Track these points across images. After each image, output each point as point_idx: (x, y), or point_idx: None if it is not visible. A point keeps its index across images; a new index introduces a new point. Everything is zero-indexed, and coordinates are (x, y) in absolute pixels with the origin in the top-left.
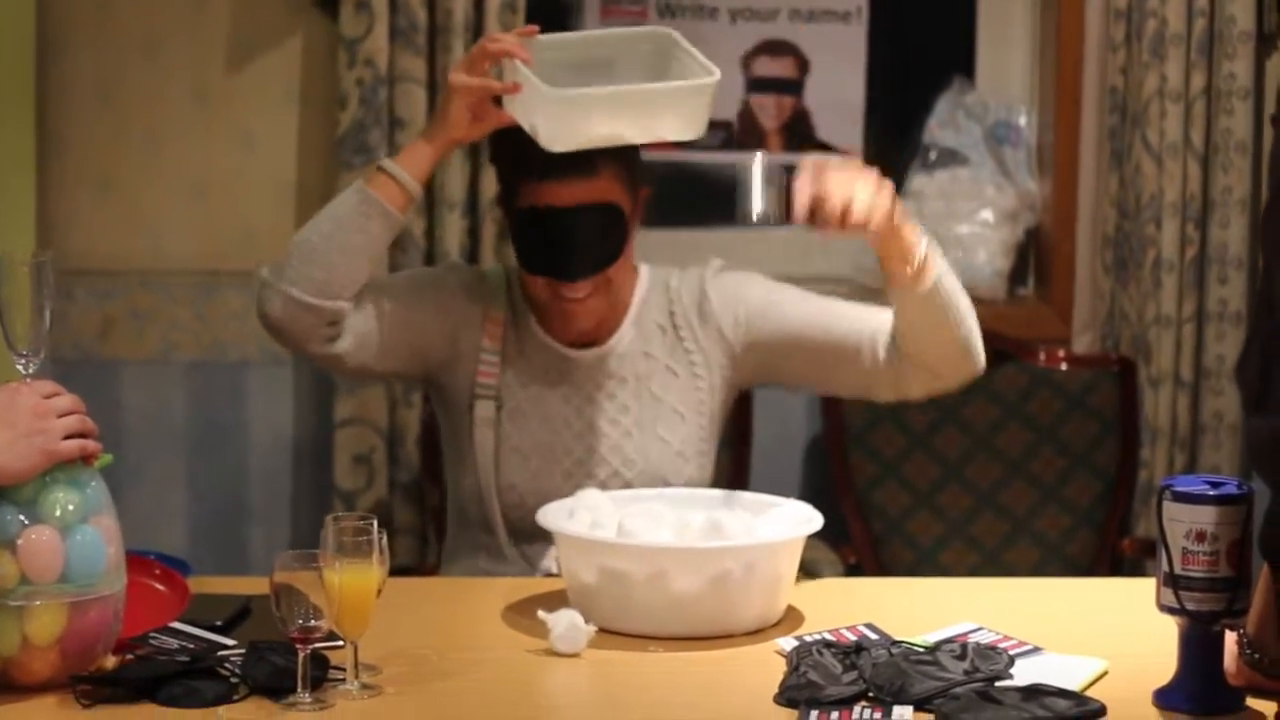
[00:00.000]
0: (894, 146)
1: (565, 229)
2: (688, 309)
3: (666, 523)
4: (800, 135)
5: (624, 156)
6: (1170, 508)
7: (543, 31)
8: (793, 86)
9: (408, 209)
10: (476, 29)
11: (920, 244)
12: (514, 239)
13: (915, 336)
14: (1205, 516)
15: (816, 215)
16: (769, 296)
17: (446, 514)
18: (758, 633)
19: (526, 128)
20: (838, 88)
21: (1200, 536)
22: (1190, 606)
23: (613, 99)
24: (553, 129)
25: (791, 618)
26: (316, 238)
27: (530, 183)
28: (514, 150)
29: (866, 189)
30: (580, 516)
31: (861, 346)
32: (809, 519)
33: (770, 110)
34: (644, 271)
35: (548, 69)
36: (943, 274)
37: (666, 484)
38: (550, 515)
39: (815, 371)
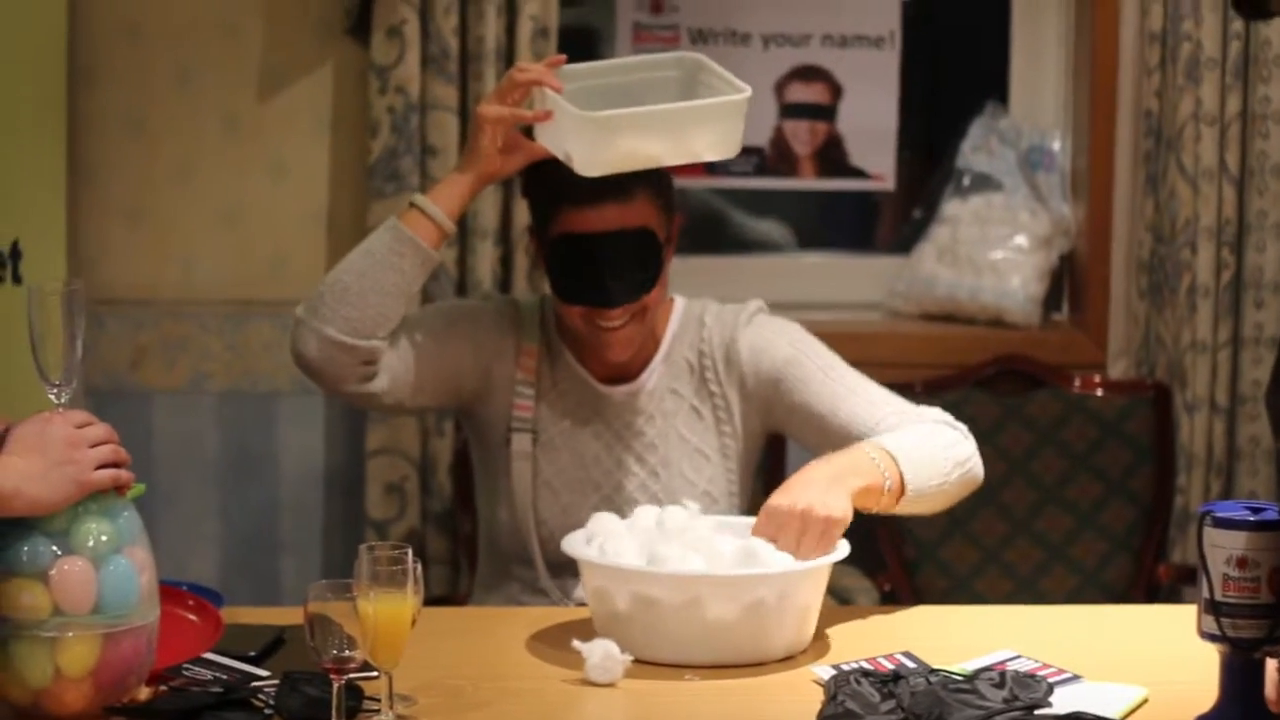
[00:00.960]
0: (927, 172)
1: (601, 255)
2: (715, 350)
3: (698, 550)
4: (833, 161)
5: (658, 181)
6: (1211, 533)
7: (572, 60)
8: (826, 112)
9: (441, 245)
10: (508, 56)
11: (880, 482)
12: (549, 269)
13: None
14: (1246, 542)
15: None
16: (792, 360)
17: (479, 544)
18: (791, 659)
19: (560, 155)
20: (871, 113)
21: (1241, 563)
22: (1231, 633)
23: (645, 119)
24: (586, 153)
25: (828, 646)
26: (350, 277)
27: (565, 210)
28: (547, 179)
29: (812, 519)
30: (598, 543)
31: (863, 441)
32: (839, 546)
33: (803, 136)
34: (679, 304)
35: (577, 97)
36: (915, 477)
37: None
38: (570, 544)
39: (819, 445)
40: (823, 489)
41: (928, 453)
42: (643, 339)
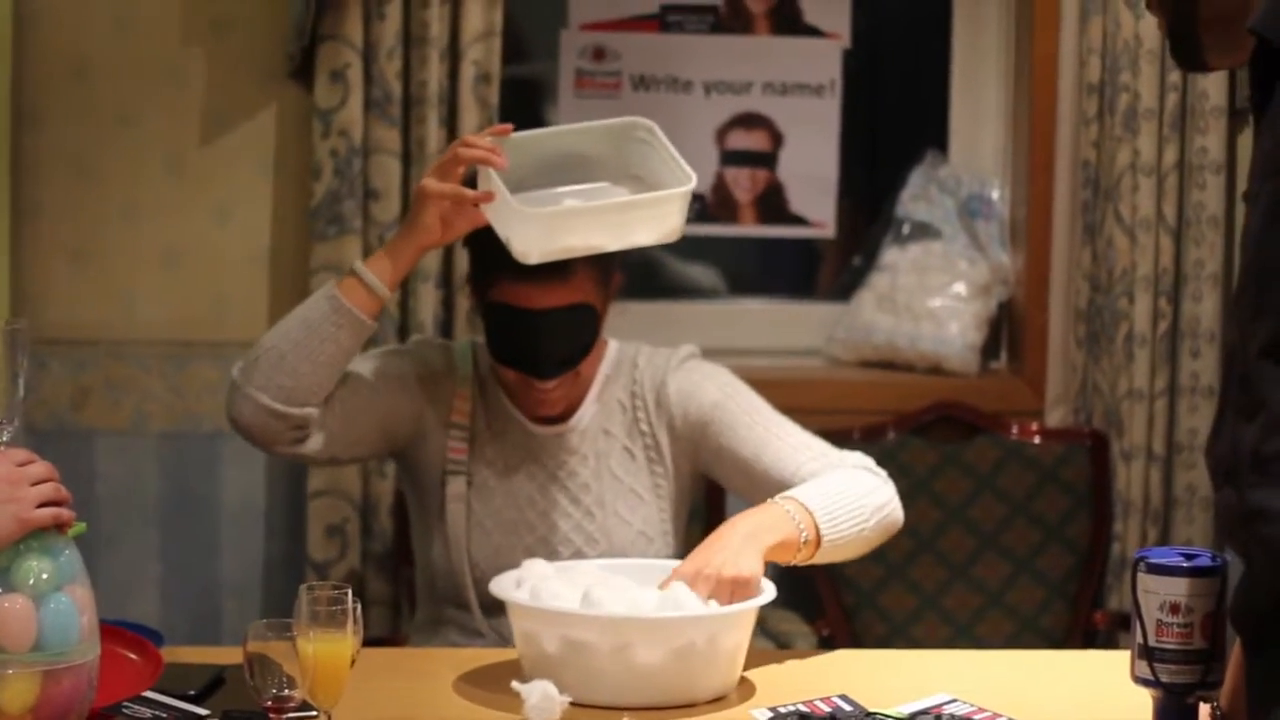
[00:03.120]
0: (867, 220)
1: (537, 329)
2: (647, 393)
3: (625, 595)
4: (774, 208)
5: (599, 257)
6: (1145, 579)
7: (516, 115)
8: (766, 159)
9: (379, 315)
10: (450, 101)
11: (795, 539)
12: (485, 328)
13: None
14: (1179, 588)
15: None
16: (719, 405)
17: (416, 586)
18: (724, 700)
19: (500, 235)
20: (811, 161)
21: (1174, 608)
22: (1164, 679)
23: (586, 214)
24: (526, 243)
25: (765, 688)
26: (286, 344)
27: (503, 281)
28: (487, 246)
29: (723, 580)
30: (528, 587)
31: (785, 486)
32: (762, 589)
33: (744, 183)
34: (612, 345)
35: (523, 165)
36: (832, 529)
37: None
38: (499, 586)
39: (744, 488)
40: (735, 550)
41: (845, 501)
42: (576, 390)
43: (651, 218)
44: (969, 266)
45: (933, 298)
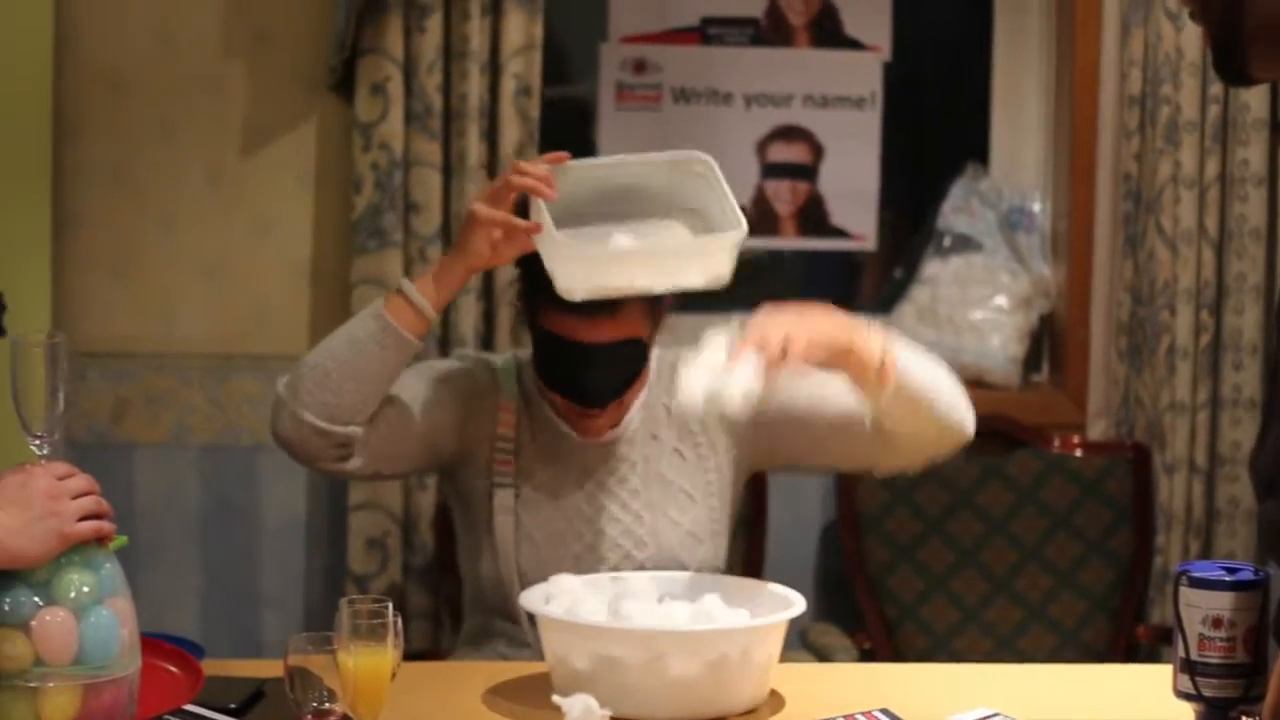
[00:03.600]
0: (908, 232)
1: (585, 362)
2: None
3: (656, 609)
4: (815, 221)
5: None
6: (1187, 593)
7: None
8: (807, 172)
9: (425, 335)
10: (491, 115)
11: (875, 349)
12: (534, 352)
13: (893, 423)
14: (1222, 602)
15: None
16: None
17: (462, 598)
18: (753, 712)
19: (547, 268)
20: (852, 173)
21: (1217, 622)
22: (1207, 693)
23: (634, 256)
24: (571, 281)
25: (806, 703)
26: (331, 362)
27: (551, 312)
28: (537, 273)
29: (804, 322)
30: (558, 602)
31: (853, 423)
32: (792, 601)
33: (785, 196)
34: (653, 353)
35: (577, 194)
36: (907, 366)
37: (681, 565)
38: (530, 601)
39: (815, 449)
40: (815, 312)
41: (926, 367)
42: (620, 408)
43: (699, 262)
44: (1010, 279)
45: (974, 310)
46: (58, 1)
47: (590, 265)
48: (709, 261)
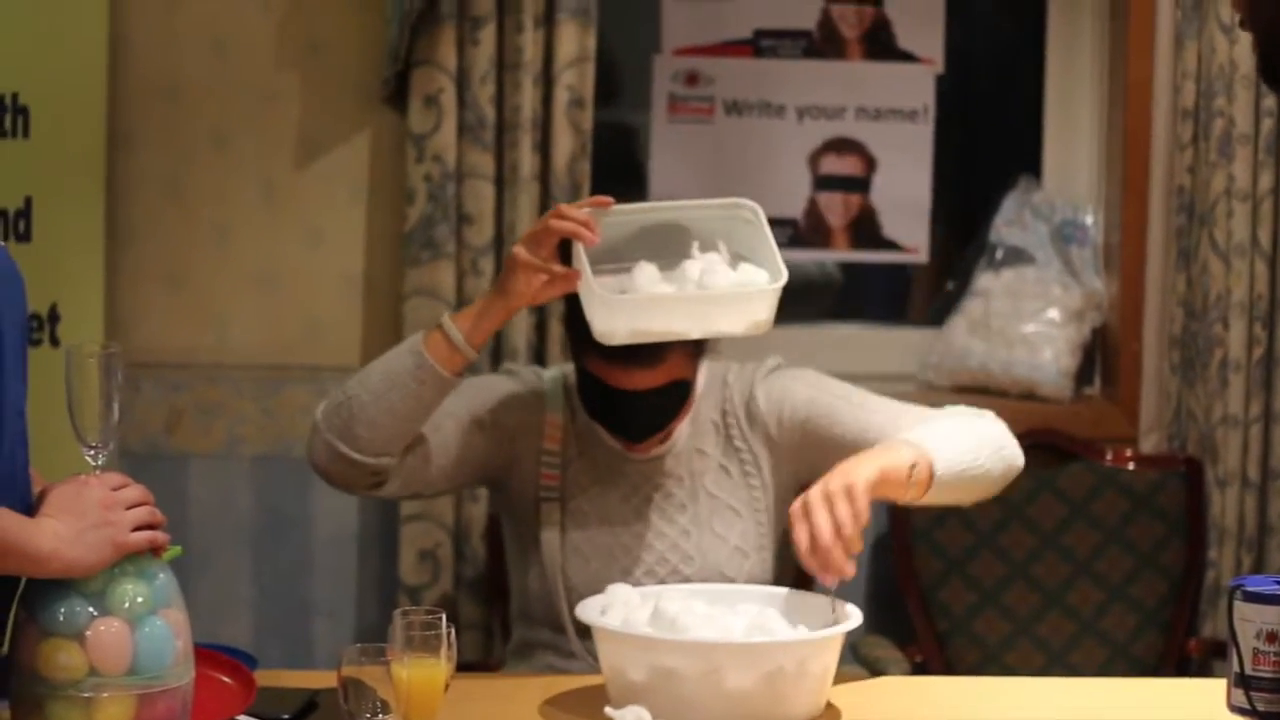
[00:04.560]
0: (960, 245)
1: (629, 406)
2: (738, 408)
3: (713, 621)
4: (867, 233)
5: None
6: (1241, 608)
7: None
8: (859, 184)
9: (463, 372)
10: (544, 126)
11: (904, 464)
12: (578, 384)
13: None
14: (1277, 617)
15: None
16: (813, 400)
17: (510, 611)
18: None
19: (585, 313)
20: (904, 186)
21: (1271, 637)
22: (1261, 707)
23: (671, 302)
24: (609, 325)
25: (857, 716)
26: (367, 395)
27: (592, 357)
28: (581, 316)
29: (836, 513)
30: (615, 613)
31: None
32: (849, 614)
33: (837, 209)
34: (702, 367)
35: (621, 236)
36: (944, 462)
37: (727, 580)
38: (587, 613)
39: None
40: (843, 470)
41: (955, 435)
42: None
43: (740, 308)
44: (1062, 292)
45: (1026, 323)
46: (113, 12)
47: (628, 312)
48: (749, 308)
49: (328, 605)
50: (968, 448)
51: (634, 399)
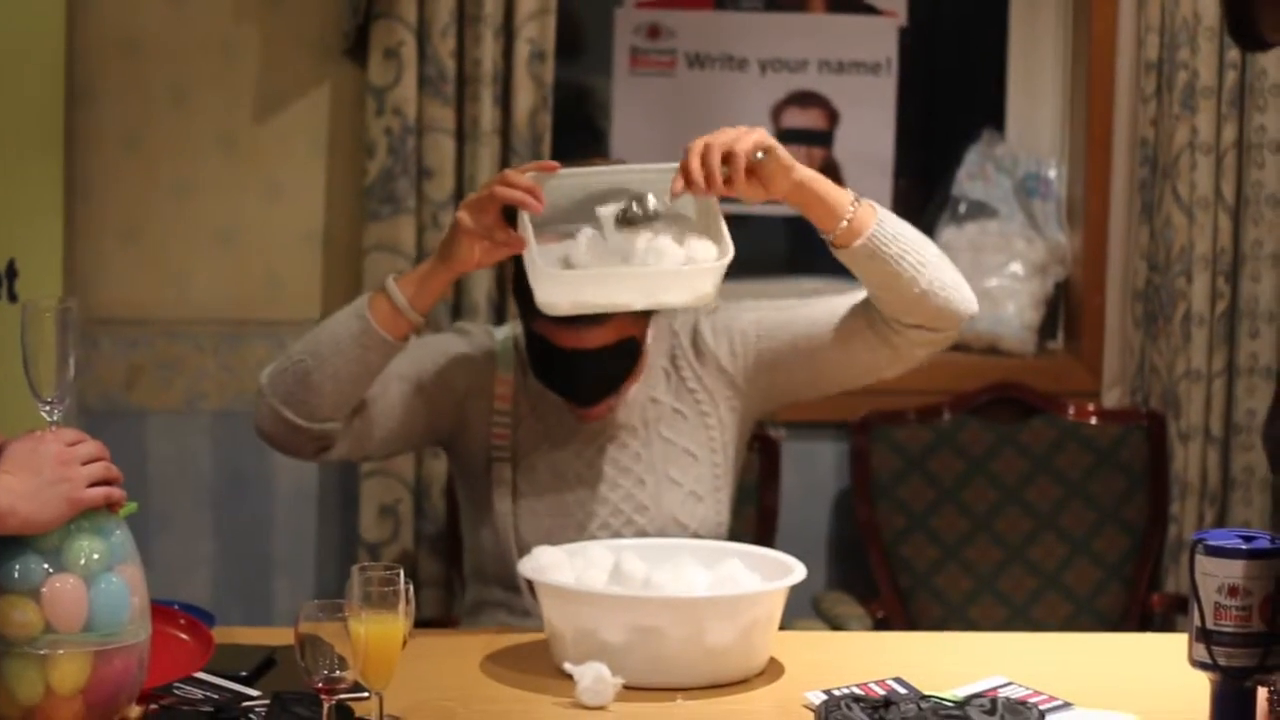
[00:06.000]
0: (923, 198)
1: (577, 366)
2: (686, 349)
3: (682, 576)
4: None
5: None
6: (1203, 562)
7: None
8: (822, 138)
9: (408, 336)
10: (505, 80)
11: (846, 200)
12: (527, 346)
13: (883, 297)
14: (1238, 571)
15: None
16: (759, 319)
17: (464, 568)
18: (775, 683)
19: (530, 282)
20: (867, 139)
21: (1233, 591)
22: (1222, 662)
23: (615, 277)
24: (551, 296)
25: (820, 671)
26: (312, 360)
27: (540, 319)
28: (527, 280)
29: (728, 133)
30: (555, 574)
31: (851, 327)
32: (793, 566)
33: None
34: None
35: (567, 200)
36: (884, 228)
37: (680, 527)
38: (535, 572)
39: (815, 374)
40: (760, 133)
41: (911, 230)
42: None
43: (684, 281)
44: (1026, 246)
45: (989, 277)
46: None
47: (571, 284)
48: (694, 282)
49: (287, 562)
50: (915, 238)
51: (584, 359)
